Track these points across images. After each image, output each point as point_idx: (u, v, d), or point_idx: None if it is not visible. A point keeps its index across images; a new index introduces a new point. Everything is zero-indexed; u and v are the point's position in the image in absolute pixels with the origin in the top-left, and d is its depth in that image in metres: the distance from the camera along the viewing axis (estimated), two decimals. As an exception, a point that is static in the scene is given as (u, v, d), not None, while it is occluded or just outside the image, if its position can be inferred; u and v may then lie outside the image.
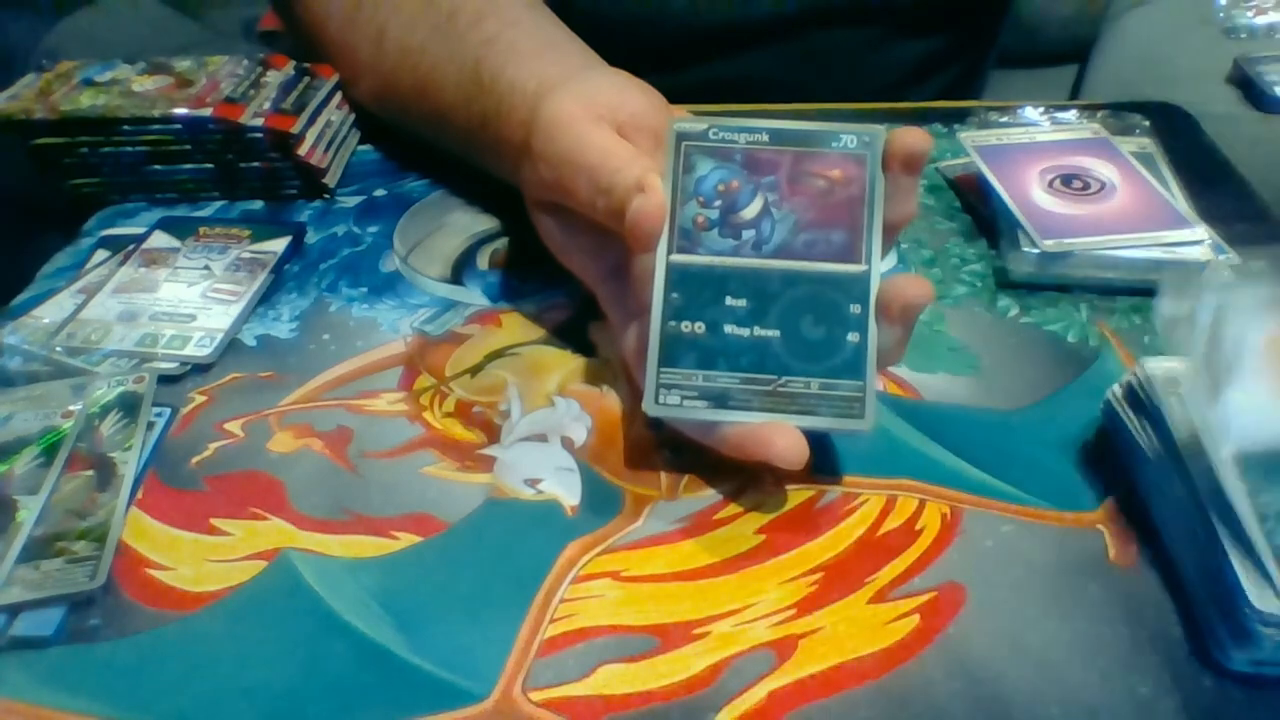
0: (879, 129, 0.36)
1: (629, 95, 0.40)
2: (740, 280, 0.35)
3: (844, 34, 0.66)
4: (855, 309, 0.34)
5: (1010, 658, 0.31)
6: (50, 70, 0.56)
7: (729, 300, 0.35)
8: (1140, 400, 0.35)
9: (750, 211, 0.36)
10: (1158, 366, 0.35)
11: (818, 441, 0.38)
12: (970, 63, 0.74)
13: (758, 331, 0.34)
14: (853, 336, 0.34)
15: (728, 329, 0.35)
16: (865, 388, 0.34)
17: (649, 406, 0.34)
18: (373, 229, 0.52)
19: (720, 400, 0.34)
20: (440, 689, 0.31)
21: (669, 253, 0.35)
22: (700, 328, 0.35)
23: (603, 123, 0.39)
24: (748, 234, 0.35)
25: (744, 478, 0.37)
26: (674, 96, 0.43)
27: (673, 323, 0.35)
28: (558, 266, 0.43)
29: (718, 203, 0.36)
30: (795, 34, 0.65)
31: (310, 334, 0.45)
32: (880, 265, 0.35)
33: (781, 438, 0.33)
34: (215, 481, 0.38)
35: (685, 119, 0.37)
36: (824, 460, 0.38)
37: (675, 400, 0.34)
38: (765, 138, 0.36)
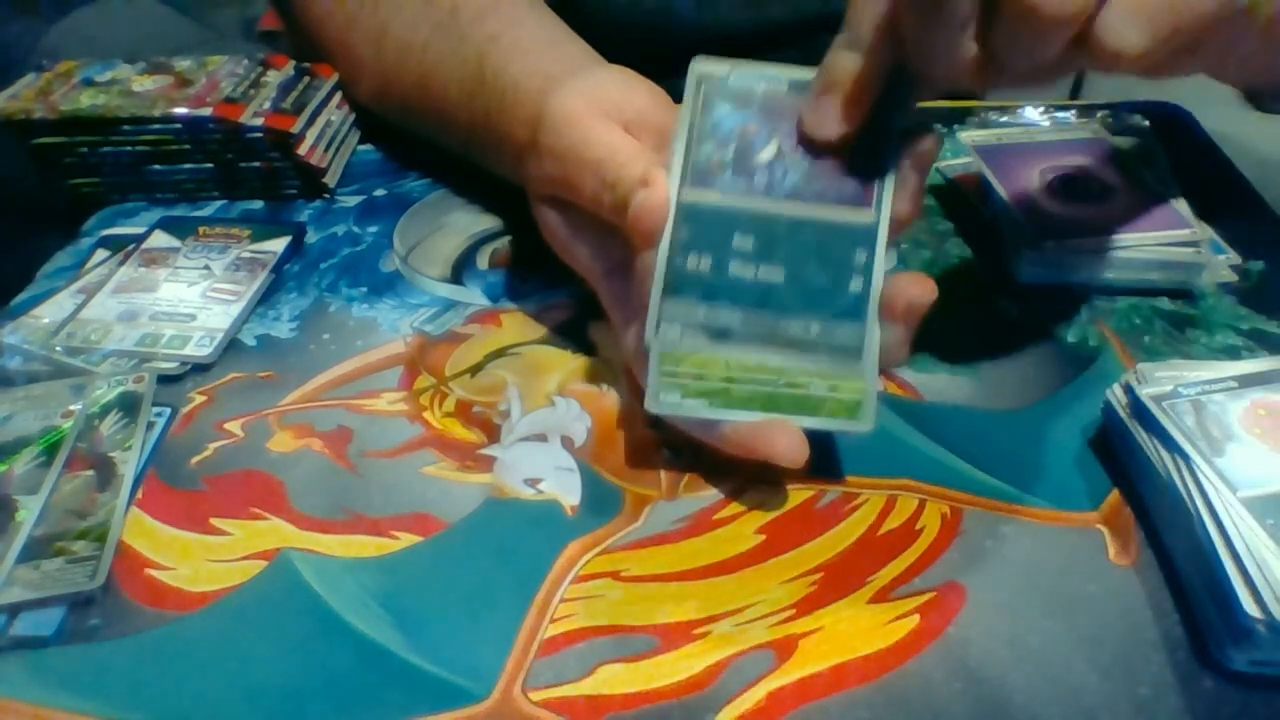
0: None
1: (634, 92, 0.40)
2: (749, 220, 0.35)
3: None
4: (861, 256, 0.34)
5: (1010, 658, 0.31)
6: (50, 70, 0.56)
7: (737, 239, 0.35)
8: (1138, 403, 0.35)
9: (765, 155, 0.35)
10: (1154, 373, 0.36)
11: (818, 441, 0.38)
12: None
13: (762, 271, 0.34)
14: (855, 283, 0.34)
15: (733, 266, 0.35)
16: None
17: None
18: (373, 229, 0.52)
19: (721, 335, 0.34)
20: (440, 689, 0.31)
21: (680, 187, 0.35)
22: (706, 263, 0.35)
23: (609, 119, 0.39)
24: (760, 177, 0.35)
25: (744, 478, 0.37)
26: (680, 100, 0.43)
27: (679, 256, 0.35)
28: (558, 266, 0.43)
29: (733, 144, 0.36)
30: (803, 40, 0.64)
31: (310, 334, 0.45)
32: (889, 213, 0.34)
33: (782, 437, 0.33)
34: (215, 481, 0.38)
35: (707, 60, 0.37)
36: (824, 460, 0.38)
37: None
38: (784, 87, 0.36)
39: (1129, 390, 0.36)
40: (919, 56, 0.31)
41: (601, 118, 0.39)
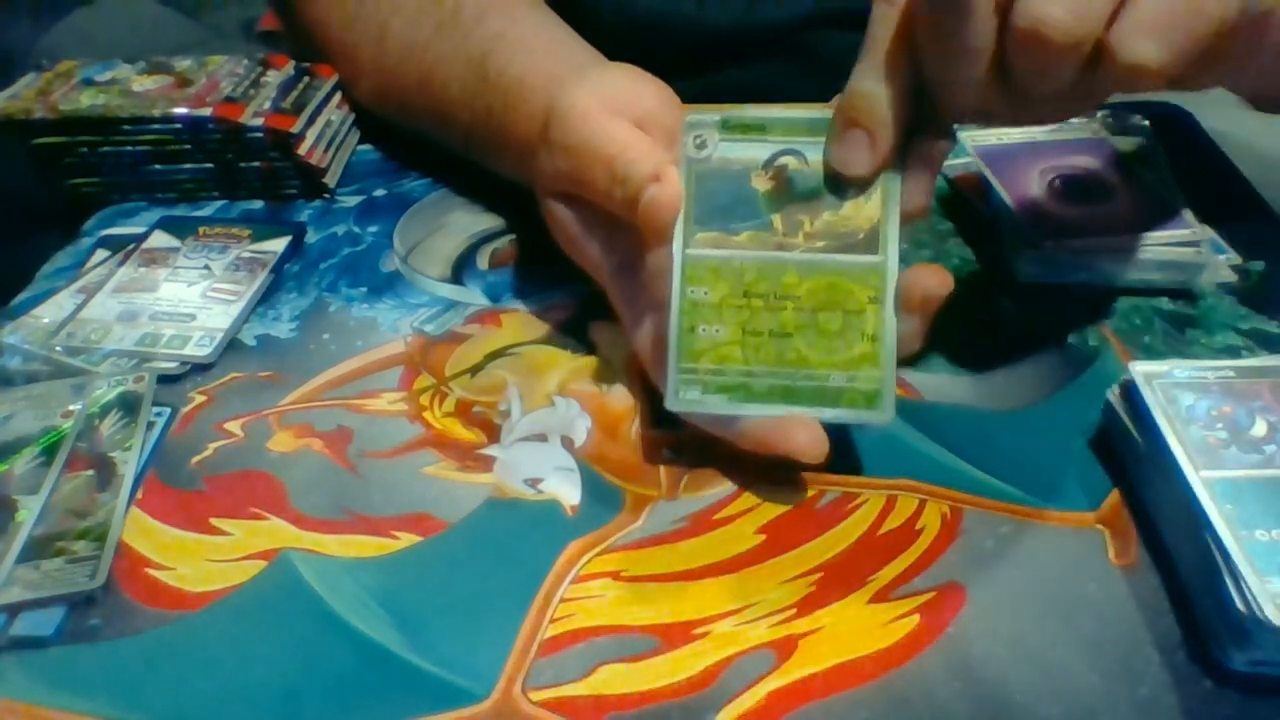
0: None
1: (644, 91, 0.40)
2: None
3: (853, 40, 0.65)
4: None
5: (1010, 658, 0.31)
6: (50, 70, 0.56)
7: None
8: (1138, 403, 0.35)
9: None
10: (1147, 369, 0.36)
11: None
12: None
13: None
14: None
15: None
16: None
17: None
18: (373, 229, 0.52)
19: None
20: (440, 689, 0.31)
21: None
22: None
23: (621, 117, 0.39)
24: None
25: (744, 478, 0.37)
26: (681, 100, 0.43)
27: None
28: (558, 265, 0.43)
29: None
30: (803, 40, 0.64)
31: (310, 334, 0.45)
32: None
33: (802, 431, 0.33)
34: (215, 481, 0.38)
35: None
36: (824, 460, 0.38)
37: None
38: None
39: (1129, 390, 0.36)
40: (940, 87, 0.31)
41: (614, 114, 0.39)
